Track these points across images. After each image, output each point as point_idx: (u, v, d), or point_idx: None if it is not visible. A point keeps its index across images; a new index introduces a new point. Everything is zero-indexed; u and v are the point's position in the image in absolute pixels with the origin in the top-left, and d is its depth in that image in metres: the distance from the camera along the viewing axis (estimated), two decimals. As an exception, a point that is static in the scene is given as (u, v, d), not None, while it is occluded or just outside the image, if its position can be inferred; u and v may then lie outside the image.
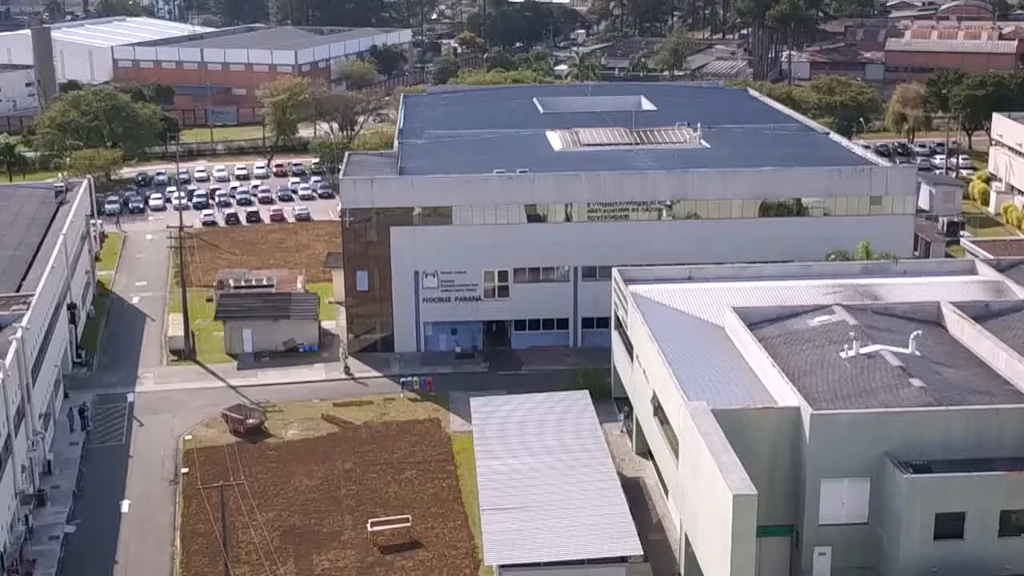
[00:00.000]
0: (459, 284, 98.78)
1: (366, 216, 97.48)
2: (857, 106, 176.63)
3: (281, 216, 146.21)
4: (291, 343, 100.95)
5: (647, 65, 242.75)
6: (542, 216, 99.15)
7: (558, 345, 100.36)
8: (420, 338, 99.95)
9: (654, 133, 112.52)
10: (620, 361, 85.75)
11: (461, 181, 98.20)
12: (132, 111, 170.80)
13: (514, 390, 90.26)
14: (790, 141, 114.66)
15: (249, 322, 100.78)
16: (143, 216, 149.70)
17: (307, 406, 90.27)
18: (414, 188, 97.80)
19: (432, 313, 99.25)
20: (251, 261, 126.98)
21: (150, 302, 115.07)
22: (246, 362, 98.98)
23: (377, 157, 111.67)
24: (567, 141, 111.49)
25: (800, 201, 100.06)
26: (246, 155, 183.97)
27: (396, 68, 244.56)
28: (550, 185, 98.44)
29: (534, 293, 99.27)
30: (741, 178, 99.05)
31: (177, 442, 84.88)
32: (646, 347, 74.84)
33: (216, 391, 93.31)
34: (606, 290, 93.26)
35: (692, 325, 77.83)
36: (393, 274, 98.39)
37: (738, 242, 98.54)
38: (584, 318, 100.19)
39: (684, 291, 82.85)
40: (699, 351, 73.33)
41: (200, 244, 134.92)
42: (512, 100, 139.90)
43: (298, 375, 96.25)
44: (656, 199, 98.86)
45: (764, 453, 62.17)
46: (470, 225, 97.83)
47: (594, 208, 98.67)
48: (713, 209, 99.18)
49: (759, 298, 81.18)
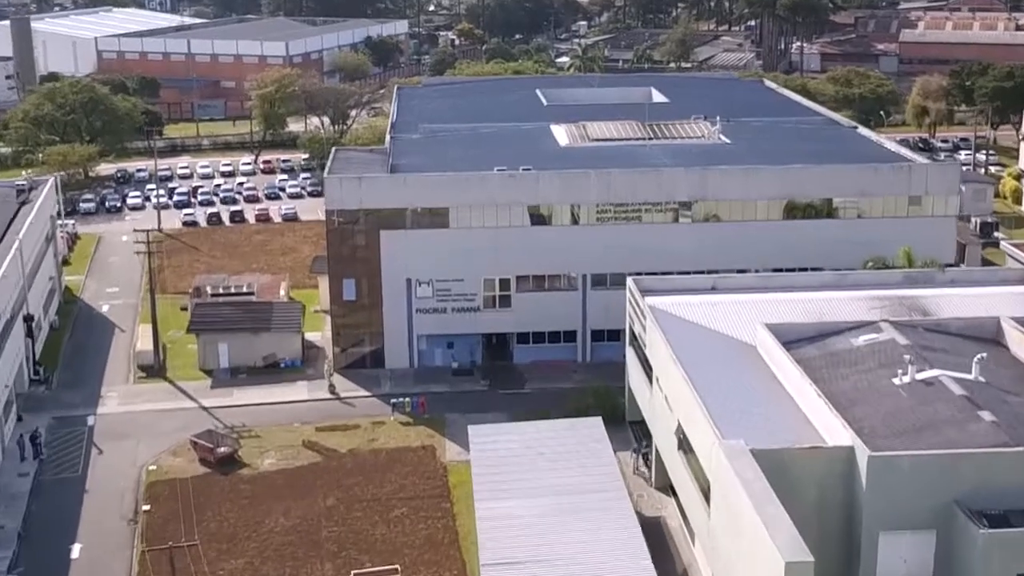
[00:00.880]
0: (456, 293, 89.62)
1: (353, 218, 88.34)
2: (876, 99, 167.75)
3: (267, 216, 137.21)
4: (271, 358, 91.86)
5: (652, 57, 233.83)
6: (547, 218, 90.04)
7: (565, 360, 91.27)
8: (413, 353, 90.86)
9: (668, 127, 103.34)
10: (636, 381, 76.76)
11: (458, 180, 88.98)
12: (111, 104, 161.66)
13: (516, 411, 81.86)
14: (815, 136, 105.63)
15: (225, 335, 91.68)
16: (120, 216, 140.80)
17: (287, 431, 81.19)
18: (406, 187, 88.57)
19: (426, 325, 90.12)
20: (232, 265, 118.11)
21: (121, 311, 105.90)
22: (221, 379, 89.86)
23: (367, 153, 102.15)
24: (574, 136, 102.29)
25: (831, 202, 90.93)
26: (233, 151, 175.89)
27: (391, 60, 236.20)
28: (556, 184, 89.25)
29: (539, 303, 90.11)
30: (766, 176, 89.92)
31: (140, 473, 75.77)
32: (668, 370, 65.81)
33: (186, 413, 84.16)
34: (618, 300, 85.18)
35: (719, 344, 68.90)
36: (383, 282, 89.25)
37: (763, 247, 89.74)
38: (593, 330, 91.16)
39: (708, 304, 73.93)
40: (729, 375, 64.38)
41: (178, 246, 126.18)
42: (513, 92, 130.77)
43: (278, 394, 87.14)
44: (673, 199, 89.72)
45: (811, 500, 53.52)
46: (468, 228, 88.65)
47: (604, 209, 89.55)
48: (736, 210, 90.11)
49: (793, 312, 72.57)
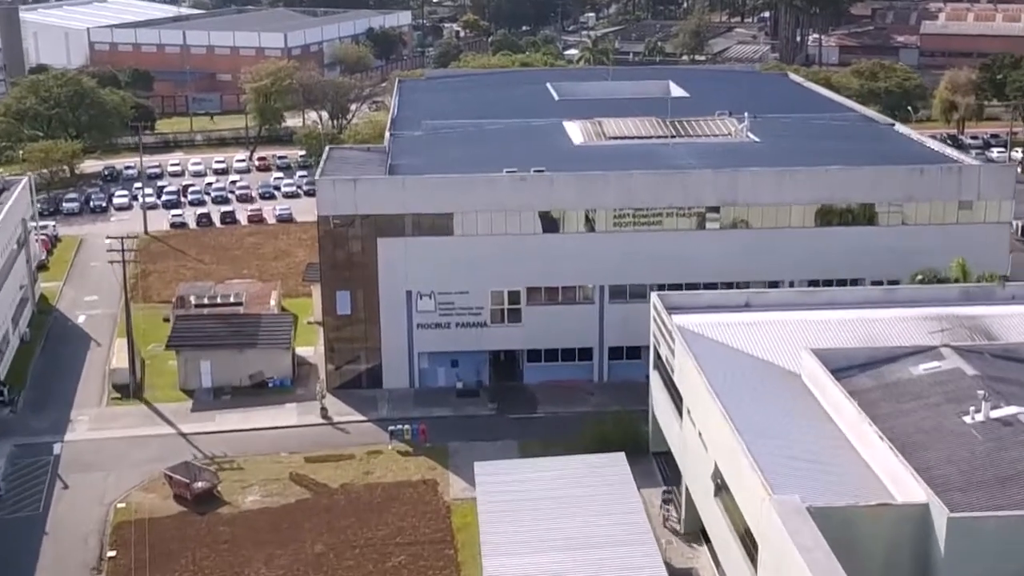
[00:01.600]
0: (461, 307, 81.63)
1: (348, 224, 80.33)
2: (903, 93, 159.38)
3: (260, 217, 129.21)
4: (258, 377, 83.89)
5: (664, 49, 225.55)
6: (561, 225, 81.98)
7: (580, 380, 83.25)
8: (413, 372, 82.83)
9: (691, 124, 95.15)
10: (662, 409, 68.80)
11: (463, 182, 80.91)
12: (98, 97, 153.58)
13: (527, 440, 74.21)
14: (850, 133, 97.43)
15: (208, 352, 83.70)
16: (106, 216, 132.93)
17: (273, 461, 73.22)
18: (406, 190, 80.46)
19: (428, 342, 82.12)
20: (221, 271, 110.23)
21: (98, 322, 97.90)
22: (203, 401, 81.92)
23: (363, 152, 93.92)
24: (589, 133, 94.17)
25: (871, 207, 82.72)
26: (228, 146, 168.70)
27: (394, 52, 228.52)
28: (571, 187, 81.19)
29: (551, 318, 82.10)
30: (803, 179, 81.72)
31: (107, 512, 67.79)
32: (703, 403, 57.78)
33: (163, 440, 76.23)
34: (638, 314, 77.59)
35: (759, 372, 60.85)
36: (381, 294, 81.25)
37: (796, 256, 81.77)
38: (611, 348, 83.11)
39: (744, 324, 65.86)
40: (774, 411, 56.34)
41: (164, 250, 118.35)
42: (522, 85, 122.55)
43: (265, 418, 79.19)
44: (700, 204, 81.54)
45: (877, 566, 45.70)
46: (474, 236, 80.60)
47: (623, 215, 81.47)
48: (768, 216, 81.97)
49: (839, 334, 64.58)
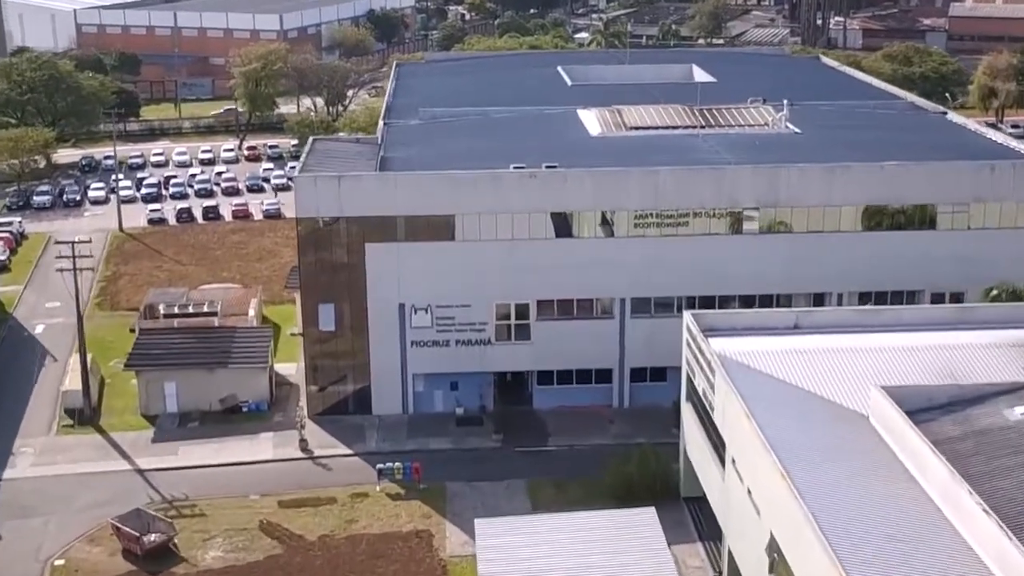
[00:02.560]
0: (461, 322, 71.34)
1: (332, 228, 70.00)
2: (940, 78, 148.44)
3: (246, 212, 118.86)
4: (231, 401, 73.69)
5: (679, 32, 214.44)
6: (576, 228, 71.69)
7: (597, 405, 73.00)
8: (407, 396, 72.56)
9: (722, 113, 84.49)
10: (697, 451, 58.55)
11: (464, 180, 70.46)
12: (75, 82, 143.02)
13: (537, 478, 64.34)
14: (900, 123, 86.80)
15: (173, 372, 73.52)
16: (80, 211, 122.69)
17: (241, 505, 62.96)
18: (398, 189, 70.01)
19: (424, 362, 71.85)
20: (198, 274, 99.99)
21: (58, 332, 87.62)
22: (166, 429, 71.69)
23: (351, 144, 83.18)
24: (607, 123, 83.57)
25: (931, 209, 72.19)
26: (217, 135, 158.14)
27: (396, 36, 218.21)
28: (587, 185, 70.74)
29: (564, 334, 71.79)
30: (854, 176, 71.12)
31: (42, 570, 57.62)
32: (754, 456, 47.49)
33: (116, 478, 65.99)
34: (664, 330, 68.15)
35: (819, 414, 50.47)
36: (369, 308, 70.99)
37: (846, 265, 71.46)
38: (633, 369, 72.81)
39: (796, 352, 55.43)
40: (843, 468, 45.94)
41: (139, 249, 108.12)
42: (531, 69, 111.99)
43: (235, 451, 68.94)
44: (735, 205, 71.09)
45: None
46: (476, 241, 70.28)
47: (647, 217, 71.06)
48: (814, 219, 71.49)
49: (911, 365, 54.46)
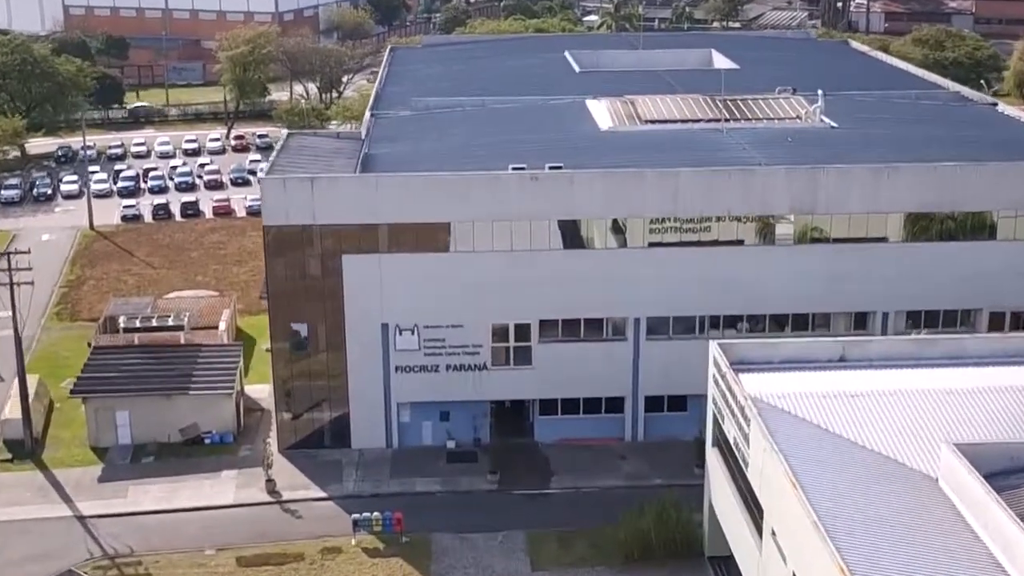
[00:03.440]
0: (453, 345, 62.49)
1: (304, 238, 61.15)
2: (974, 64, 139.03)
3: (228, 209, 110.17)
4: (192, 431, 65.01)
5: (693, 15, 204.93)
6: (584, 238, 62.83)
7: (607, 438, 64.27)
8: (391, 428, 63.84)
9: (748, 104, 75.36)
10: (726, 508, 49.79)
11: (456, 183, 61.39)
12: (51, 67, 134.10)
13: (538, 529, 56.01)
14: (948, 117, 77.64)
15: (126, 399, 64.85)
16: (51, 206, 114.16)
17: (194, 563, 54.24)
18: (380, 193, 60.99)
19: (410, 389, 63.05)
20: (170, 279, 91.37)
21: (7, 347, 78.74)
22: (116, 466, 62.99)
23: (330, 140, 73.92)
24: (619, 115, 74.47)
25: (987, 216, 63.15)
26: (205, 122, 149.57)
27: (397, 18, 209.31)
28: (597, 188, 61.70)
29: (570, 358, 62.98)
30: (904, 179, 61.96)
31: (-47, 647, 49.43)
32: (804, 537, 38.67)
33: (55, 527, 57.32)
34: (683, 354, 60.26)
35: (878, 477, 41.54)
36: (347, 328, 62.26)
37: (892, 280, 62.65)
38: (649, 397, 64.01)
39: (846, 396, 46.53)
40: (913, 551, 37.06)
41: (109, 250, 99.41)
42: (535, 54, 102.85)
43: (192, 494, 60.14)
44: (767, 211, 62.09)
45: None
46: (470, 252, 61.45)
47: (665, 225, 62.16)
48: (856, 228, 62.53)
49: (983, 411, 45.55)
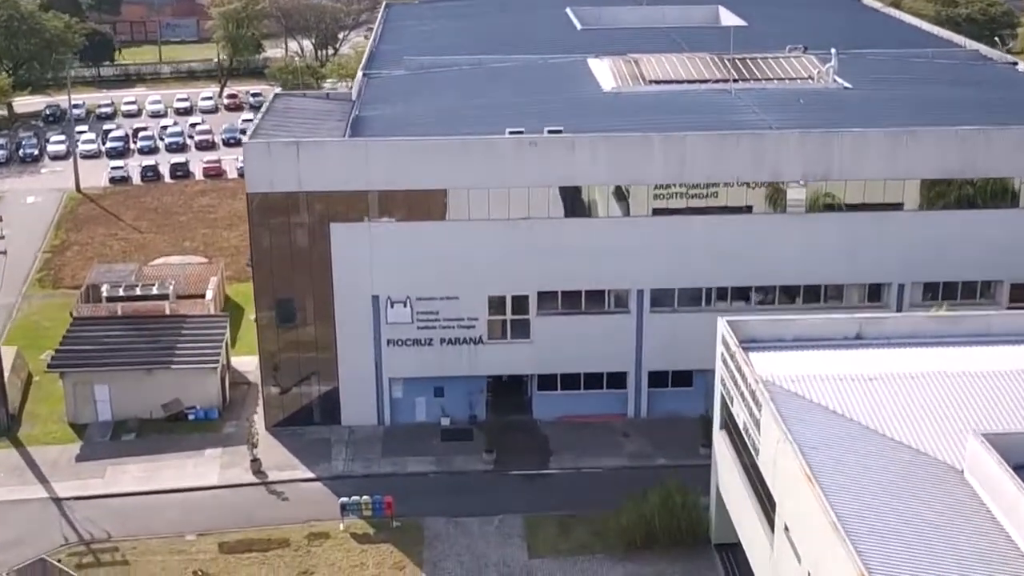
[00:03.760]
0: (448, 317, 59.57)
1: (290, 205, 58.04)
2: (987, 21, 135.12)
3: (218, 170, 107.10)
4: (175, 407, 62.19)
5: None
6: (585, 206, 59.69)
7: (609, 415, 61.43)
8: (382, 404, 61.00)
9: (758, 64, 72.02)
10: (734, 495, 47.01)
11: (450, 148, 58.16)
12: (38, 23, 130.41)
13: (536, 513, 53.16)
14: (967, 77, 74.23)
15: (105, 374, 61.98)
16: (38, 166, 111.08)
17: (173, 549, 51.54)
18: (369, 159, 57.79)
19: (402, 364, 60.16)
20: (157, 244, 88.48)
21: (-13, 316, 76.38)
22: (96, 444, 60.23)
23: (320, 101, 70.58)
24: (623, 75, 71.14)
25: (1011, 183, 59.92)
26: (198, 80, 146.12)
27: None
28: (599, 154, 58.43)
29: (571, 332, 59.97)
30: (924, 144, 58.69)
31: (-83, 640, 46.79)
32: (821, 538, 35.83)
33: (29, 510, 54.57)
34: (689, 327, 57.64)
35: (903, 470, 38.62)
36: (336, 301, 59.30)
37: (910, 251, 59.64)
38: (652, 372, 61.10)
39: (863, 379, 43.59)
40: (940, 552, 34.23)
41: (95, 213, 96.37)
42: (536, 11, 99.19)
43: (173, 474, 57.39)
44: (778, 178, 58.88)
45: None
46: (465, 221, 58.38)
47: (671, 192, 59.04)
48: (873, 195, 59.36)
49: (1009, 395, 42.45)
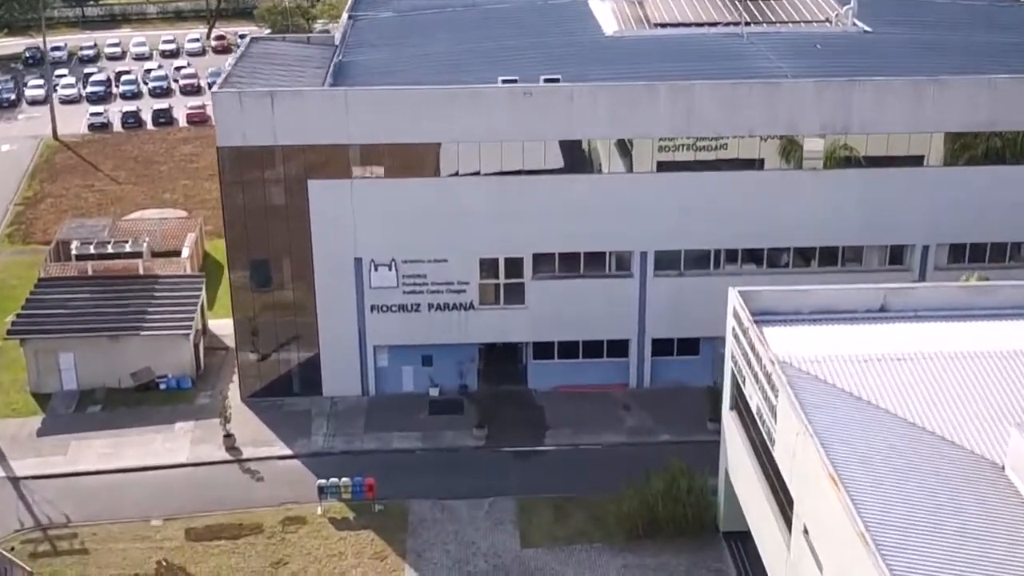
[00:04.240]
0: (436, 281, 55.31)
1: (264, 161, 53.58)
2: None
3: (203, 116, 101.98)
4: (145, 375, 58.14)
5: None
6: (585, 161, 55.21)
7: (609, 385, 57.36)
8: (367, 374, 56.91)
9: (770, 5, 67.08)
10: (746, 484, 43.05)
11: (438, 99, 53.52)
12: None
13: (530, 496, 49.36)
14: (995, 20, 69.12)
15: (70, 340, 57.89)
16: (15, 112, 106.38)
17: (137, 535, 47.67)
18: (351, 109, 53.18)
19: (388, 331, 56.01)
20: (136, 195, 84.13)
21: (-49, 273, 72.22)
22: (59, 416, 56.25)
23: (299, 47, 65.44)
24: (626, 18, 66.19)
25: (1039, 136, 55.51)
26: (186, 21, 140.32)
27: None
28: (600, 104, 53.74)
29: (568, 297, 55.76)
30: (954, 93, 54.01)
31: None
32: (848, 550, 31.86)
33: (-18, 489, 51.06)
34: (696, 291, 53.37)
35: (936, 466, 34.57)
36: (316, 263, 55.04)
37: (935, 210, 55.25)
38: (656, 340, 56.94)
39: (889, 360, 39.40)
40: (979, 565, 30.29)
41: (72, 163, 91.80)
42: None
43: (140, 451, 53.39)
44: (793, 131, 54.33)
45: None
46: (455, 177, 53.98)
47: (678, 146, 54.54)
48: (896, 150, 54.79)
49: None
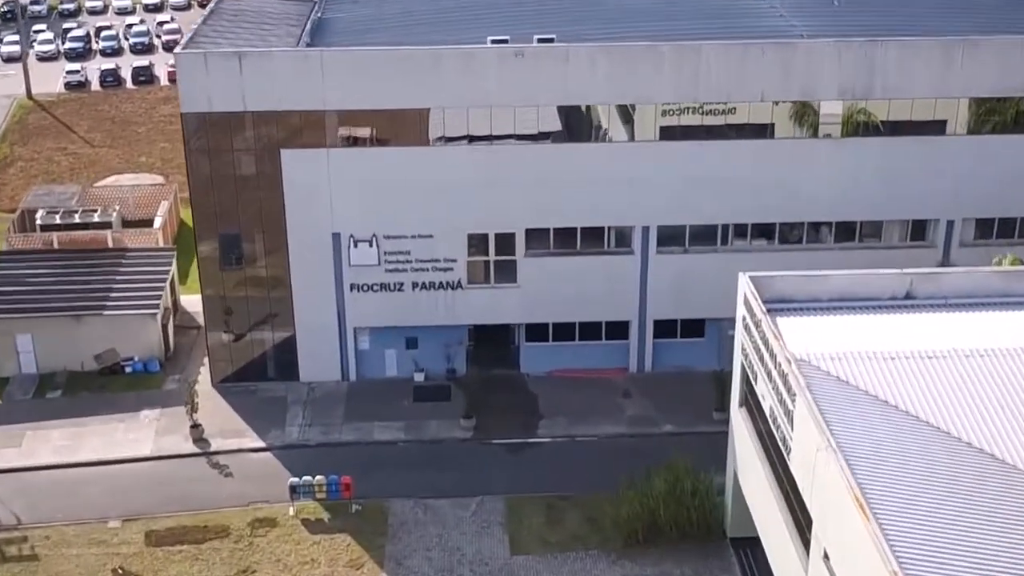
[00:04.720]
0: (421, 258, 51.20)
1: (233, 128, 49.27)
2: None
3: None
4: (109, 358, 54.16)
5: None
6: (581, 129, 50.89)
7: (608, 370, 53.38)
8: (346, 358, 52.94)
9: (784, -43, 62.48)
10: (754, 486, 39.17)
11: (422, 60, 49.17)
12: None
13: (520, 494, 45.52)
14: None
15: (28, 321, 53.89)
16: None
17: (93, 539, 43.81)
18: (327, 72, 48.75)
19: (369, 312, 51.97)
20: (110, 158, 79.92)
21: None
22: (16, 402, 52.32)
23: (278, 2, 60.58)
24: (627, -29, 61.75)
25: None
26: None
27: None
28: (598, 67, 49.35)
29: (564, 275, 51.70)
30: (984, 55, 49.65)
31: None
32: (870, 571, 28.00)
33: (-72, 486, 47.21)
34: (701, 270, 49.52)
35: (973, 483, 30.65)
36: (290, 239, 50.89)
37: (961, 182, 51.01)
38: (658, 321, 52.91)
39: (918, 357, 35.35)
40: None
41: (46, 124, 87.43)
42: None
43: (101, 443, 49.45)
44: (809, 96, 49.92)
45: None
46: (441, 147, 49.72)
47: (683, 112, 50.23)
48: (921, 117, 50.51)
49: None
